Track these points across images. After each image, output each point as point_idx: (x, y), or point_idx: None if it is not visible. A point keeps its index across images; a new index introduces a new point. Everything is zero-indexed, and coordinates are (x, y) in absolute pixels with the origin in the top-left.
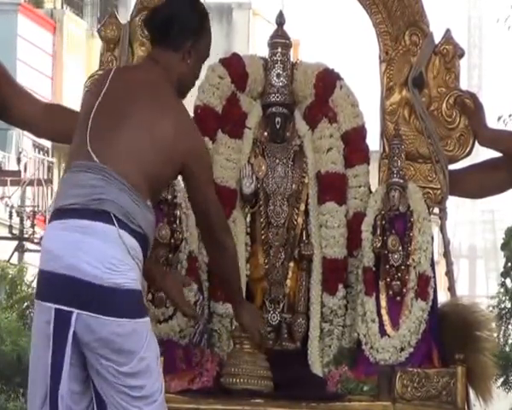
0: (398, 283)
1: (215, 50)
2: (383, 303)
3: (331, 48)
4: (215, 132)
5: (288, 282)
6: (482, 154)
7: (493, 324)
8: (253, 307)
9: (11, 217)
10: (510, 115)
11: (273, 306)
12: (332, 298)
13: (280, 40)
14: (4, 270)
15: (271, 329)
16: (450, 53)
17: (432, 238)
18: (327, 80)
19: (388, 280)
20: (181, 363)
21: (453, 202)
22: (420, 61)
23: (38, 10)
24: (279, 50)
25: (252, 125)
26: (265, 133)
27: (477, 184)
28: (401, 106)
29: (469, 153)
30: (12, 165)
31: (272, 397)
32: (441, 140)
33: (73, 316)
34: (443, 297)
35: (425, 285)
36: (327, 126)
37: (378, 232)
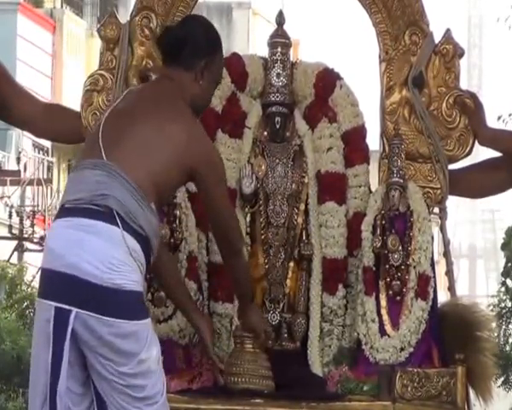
0: (398, 282)
1: None
2: (383, 303)
3: (331, 47)
4: (215, 132)
5: (288, 282)
6: (482, 153)
7: (493, 324)
8: (258, 309)
9: (11, 217)
10: (510, 115)
11: (273, 306)
12: (332, 298)
13: (280, 40)
14: (4, 270)
15: (271, 329)
16: (450, 52)
17: (432, 238)
18: (327, 80)
19: (388, 280)
20: (181, 363)
21: (453, 202)
22: (420, 61)
23: (38, 10)
24: (279, 50)
25: (251, 124)
26: (265, 133)
27: (477, 184)
28: (401, 105)
29: (469, 153)
30: (12, 165)
31: (272, 397)
32: (441, 140)
33: (72, 314)
34: (443, 297)
35: (425, 285)
36: (327, 126)
37: (378, 232)
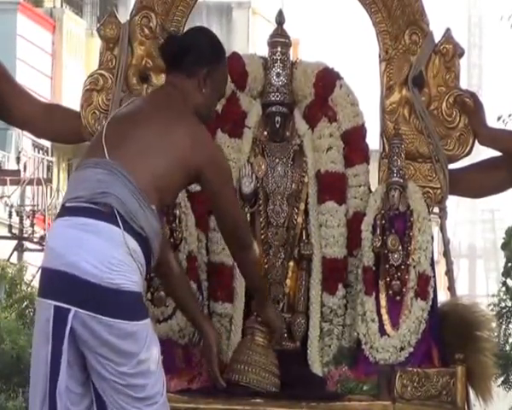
0: (397, 282)
1: None
2: (383, 303)
3: (331, 47)
4: (215, 132)
5: (288, 281)
6: (482, 153)
7: (493, 323)
8: (274, 305)
9: (11, 216)
10: (510, 115)
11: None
12: (332, 298)
13: (280, 39)
14: (4, 269)
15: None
16: (450, 52)
17: (432, 238)
18: (327, 79)
19: (388, 280)
20: (180, 363)
21: (453, 202)
22: (420, 61)
23: (38, 9)
24: (279, 49)
25: (251, 124)
26: (265, 132)
27: (477, 184)
28: (401, 105)
29: (469, 152)
30: (11, 164)
31: (272, 397)
32: (441, 139)
33: (71, 313)
34: (443, 297)
35: (425, 285)
36: (327, 126)
37: (378, 232)
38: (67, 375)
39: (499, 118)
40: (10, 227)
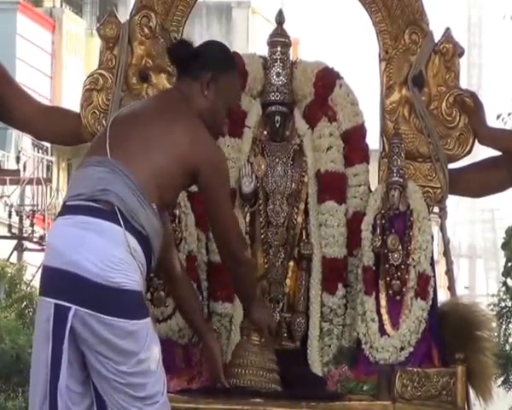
0: (397, 282)
1: None
2: (383, 302)
3: (331, 46)
4: None
5: (288, 281)
6: (482, 152)
7: (493, 323)
8: (264, 304)
9: (10, 216)
10: (510, 114)
11: (273, 305)
12: (332, 297)
13: (279, 39)
14: (3, 269)
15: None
16: (449, 52)
17: (432, 237)
18: (326, 79)
19: (388, 279)
20: (180, 362)
21: (453, 201)
22: (420, 60)
23: (37, 9)
24: (278, 49)
25: (251, 124)
26: (265, 132)
27: (477, 183)
28: (401, 105)
29: (469, 152)
30: (11, 164)
31: (272, 396)
32: (441, 139)
33: (71, 312)
34: (443, 296)
35: (425, 284)
36: (326, 125)
37: (378, 231)
38: (67, 374)
39: (499, 116)
40: (10, 227)
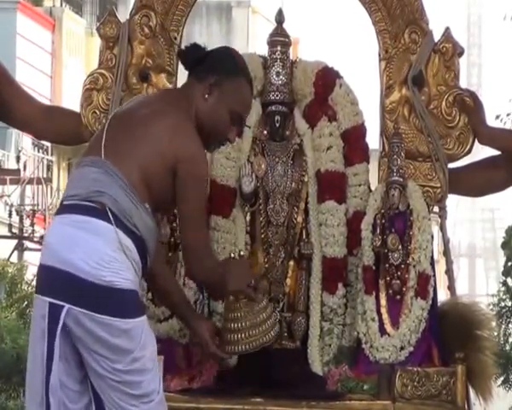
0: (397, 281)
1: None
2: (383, 302)
3: (331, 46)
4: None
5: (288, 281)
6: (482, 152)
7: (493, 323)
8: (236, 269)
9: (11, 216)
10: (508, 114)
11: (273, 305)
12: (332, 297)
13: (279, 38)
14: (4, 269)
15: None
16: (449, 51)
17: (431, 237)
18: (326, 79)
19: (388, 279)
20: (181, 362)
21: (453, 201)
22: (419, 60)
23: (37, 8)
24: (278, 48)
25: (251, 123)
26: (265, 132)
27: (477, 183)
28: (401, 104)
29: (469, 151)
30: (11, 163)
31: (272, 396)
32: (441, 138)
33: (64, 310)
34: (443, 296)
35: (425, 284)
36: (326, 125)
37: (378, 231)
38: (65, 372)
39: (497, 117)
40: (10, 226)
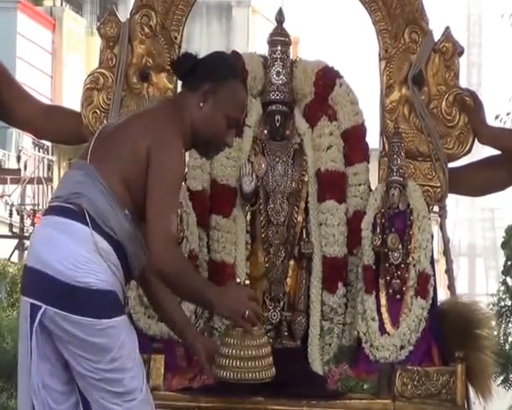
0: (397, 281)
1: (214, 48)
2: (383, 301)
3: (331, 45)
4: None
5: (288, 280)
6: (482, 151)
7: (493, 322)
8: (230, 294)
9: (11, 215)
10: (508, 114)
11: (273, 304)
12: (332, 296)
13: (279, 38)
14: (5, 268)
15: (271, 327)
16: (449, 51)
17: (431, 236)
18: (326, 78)
19: (388, 278)
20: (182, 361)
21: (453, 200)
22: (419, 59)
23: (38, 8)
24: (279, 48)
25: (251, 123)
26: (265, 131)
27: (477, 182)
28: (401, 104)
29: (469, 151)
30: (12, 163)
31: (273, 395)
32: (441, 138)
33: (41, 310)
34: (443, 295)
35: (425, 283)
36: (327, 124)
37: (378, 230)
38: (48, 373)
39: (497, 117)
40: (11, 226)
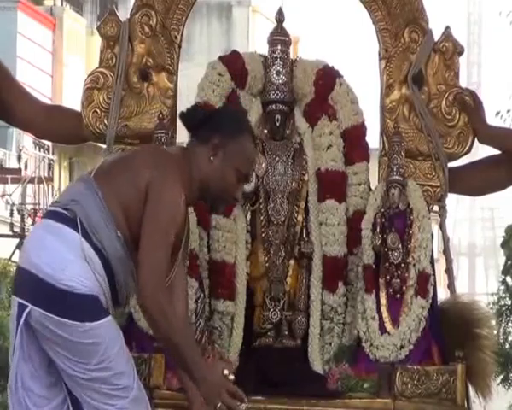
0: (397, 280)
1: (214, 48)
2: (383, 301)
3: (331, 45)
4: None
5: (289, 280)
6: (482, 151)
7: (493, 321)
8: (211, 371)
9: (12, 215)
10: (508, 111)
11: (273, 303)
12: (332, 296)
13: (279, 37)
14: (5, 268)
15: (272, 326)
16: (449, 50)
17: (431, 236)
18: (326, 78)
19: (388, 278)
20: None
21: (453, 200)
22: (419, 59)
23: (38, 7)
24: (279, 48)
25: (252, 122)
26: (265, 131)
27: (477, 182)
28: (401, 103)
29: (469, 150)
30: (12, 162)
31: (273, 394)
32: (441, 137)
33: (27, 310)
34: (442, 295)
35: (425, 283)
36: (327, 124)
37: (378, 230)
38: (30, 375)
39: (497, 114)
40: (12, 225)
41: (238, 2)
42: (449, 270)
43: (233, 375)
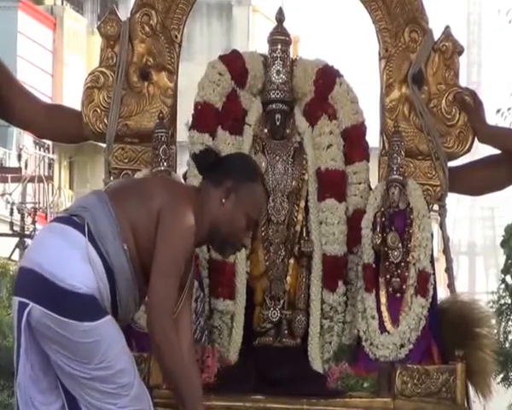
0: (397, 279)
1: (215, 47)
2: (383, 300)
3: (331, 44)
4: (215, 129)
5: (289, 279)
6: (482, 150)
7: (493, 320)
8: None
9: (12, 214)
10: (509, 109)
11: (273, 302)
12: (332, 295)
13: (280, 37)
14: (5, 267)
15: (271, 326)
16: (449, 50)
17: (431, 235)
18: (326, 77)
19: (388, 277)
20: None
21: (453, 199)
22: (419, 58)
23: (38, 7)
24: (279, 47)
25: (252, 121)
26: (265, 130)
27: (477, 181)
28: (401, 103)
29: (469, 150)
30: (13, 162)
31: (273, 393)
32: (441, 137)
33: (27, 308)
34: (442, 294)
35: (425, 282)
36: (327, 123)
37: (378, 229)
38: (29, 378)
39: (498, 111)
40: (12, 225)
41: (238, 1)
42: (449, 269)
43: None
